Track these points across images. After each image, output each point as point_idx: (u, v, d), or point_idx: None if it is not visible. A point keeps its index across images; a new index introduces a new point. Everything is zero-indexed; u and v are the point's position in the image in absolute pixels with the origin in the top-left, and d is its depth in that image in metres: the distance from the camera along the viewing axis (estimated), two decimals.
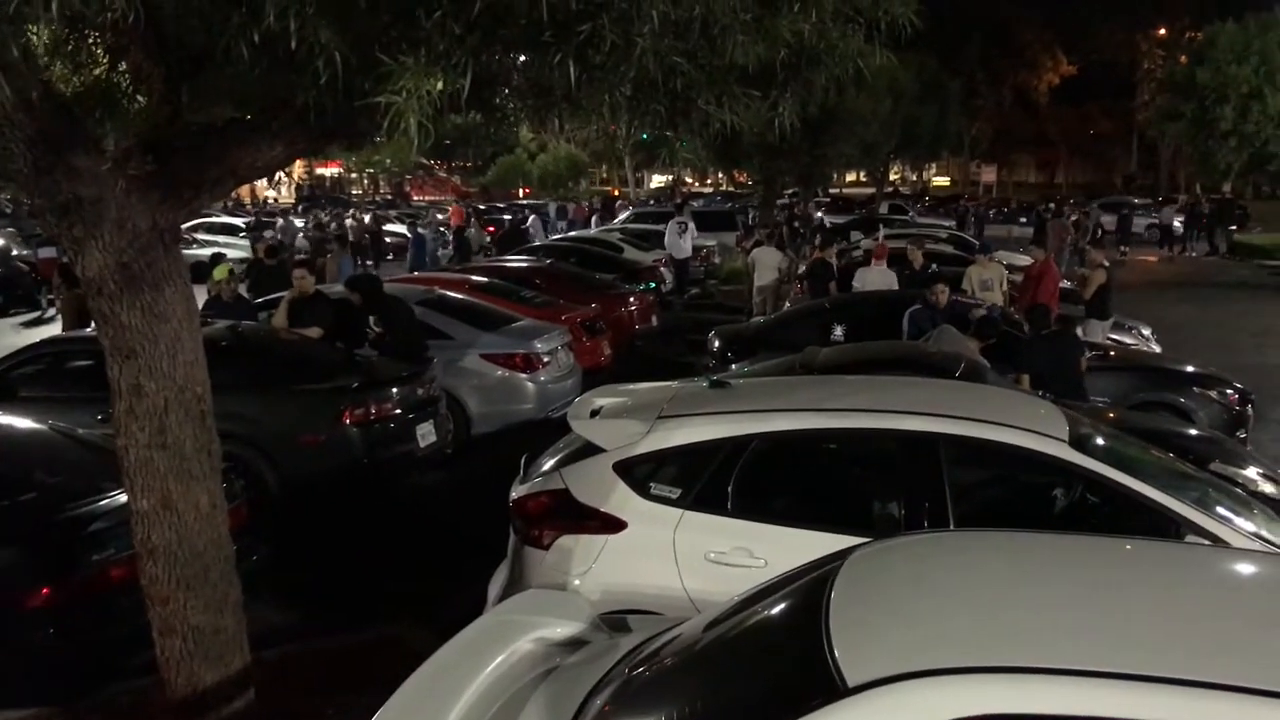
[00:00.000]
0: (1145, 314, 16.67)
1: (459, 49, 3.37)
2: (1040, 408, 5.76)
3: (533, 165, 61.03)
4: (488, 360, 10.84)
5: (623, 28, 3.29)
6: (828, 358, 8.44)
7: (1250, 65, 33.24)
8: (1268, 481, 7.23)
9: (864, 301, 13.22)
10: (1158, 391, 10.00)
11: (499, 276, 15.06)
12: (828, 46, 4.05)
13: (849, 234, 26.48)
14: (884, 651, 2.78)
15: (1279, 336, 18.50)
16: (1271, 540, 4.87)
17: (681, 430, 5.35)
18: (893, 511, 5.19)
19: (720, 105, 3.87)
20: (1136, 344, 13.58)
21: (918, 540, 3.93)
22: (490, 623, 4.09)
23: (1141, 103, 67.96)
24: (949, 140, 59.52)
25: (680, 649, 3.53)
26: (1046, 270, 14.25)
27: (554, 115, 3.98)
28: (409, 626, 6.55)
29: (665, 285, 21.54)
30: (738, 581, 4.23)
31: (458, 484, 9.60)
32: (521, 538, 5.45)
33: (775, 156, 27.18)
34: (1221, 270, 31.77)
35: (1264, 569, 3.67)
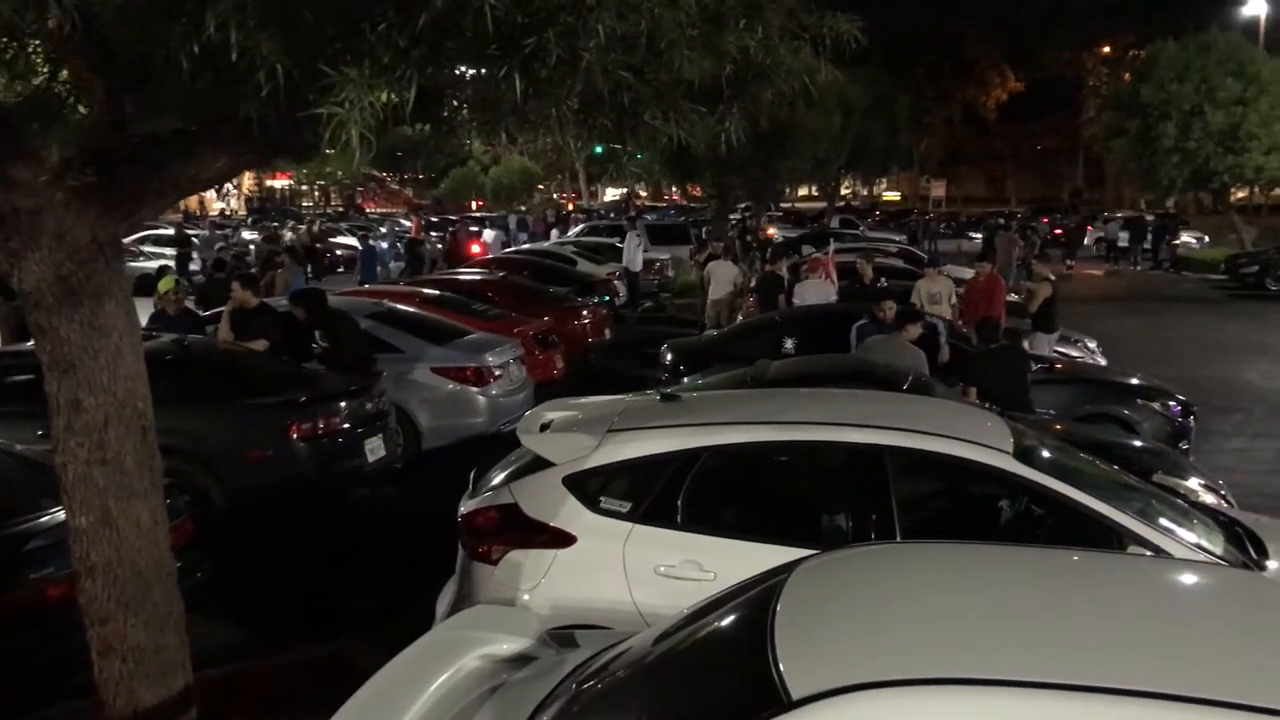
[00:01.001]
0: (1090, 327, 16.94)
1: (404, 62, 3.35)
2: (986, 420, 5.82)
3: (486, 178, 60.89)
4: (438, 374, 10.77)
5: (569, 42, 3.29)
6: (778, 371, 8.47)
7: (1191, 84, 33.83)
8: (1209, 492, 7.36)
9: (814, 315, 13.28)
10: (1102, 404, 10.14)
11: (451, 289, 14.99)
12: (774, 62, 4.08)
13: (800, 248, 26.62)
14: (828, 664, 2.79)
15: (1221, 349, 18.86)
16: (1212, 551, 4.95)
17: (631, 444, 5.35)
18: (840, 523, 5.23)
19: (668, 120, 3.88)
20: (1082, 357, 13.76)
21: (863, 553, 3.95)
22: (436, 639, 4.06)
23: (1087, 119, 69.03)
24: (899, 156, 60.22)
25: (628, 663, 3.52)
26: (995, 284, 14.44)
27: (501, 128, 3.97)
28: (356, 643, 6.46)
29: (619, 298, 21.55)
30: (687, 595, 4.23)
31: (407, 499, 9.52)
32: (470, 553, 5.41)
33: (727, 171, 27.38)
34: (1165, 283, 32.37)
35: (1204, 580, 3.73)
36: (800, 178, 44.66)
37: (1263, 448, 11.92)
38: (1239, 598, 3.47)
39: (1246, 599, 3.45)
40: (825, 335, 10.95)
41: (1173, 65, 34.71)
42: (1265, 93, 33.63)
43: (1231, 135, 33.63)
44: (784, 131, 24.96)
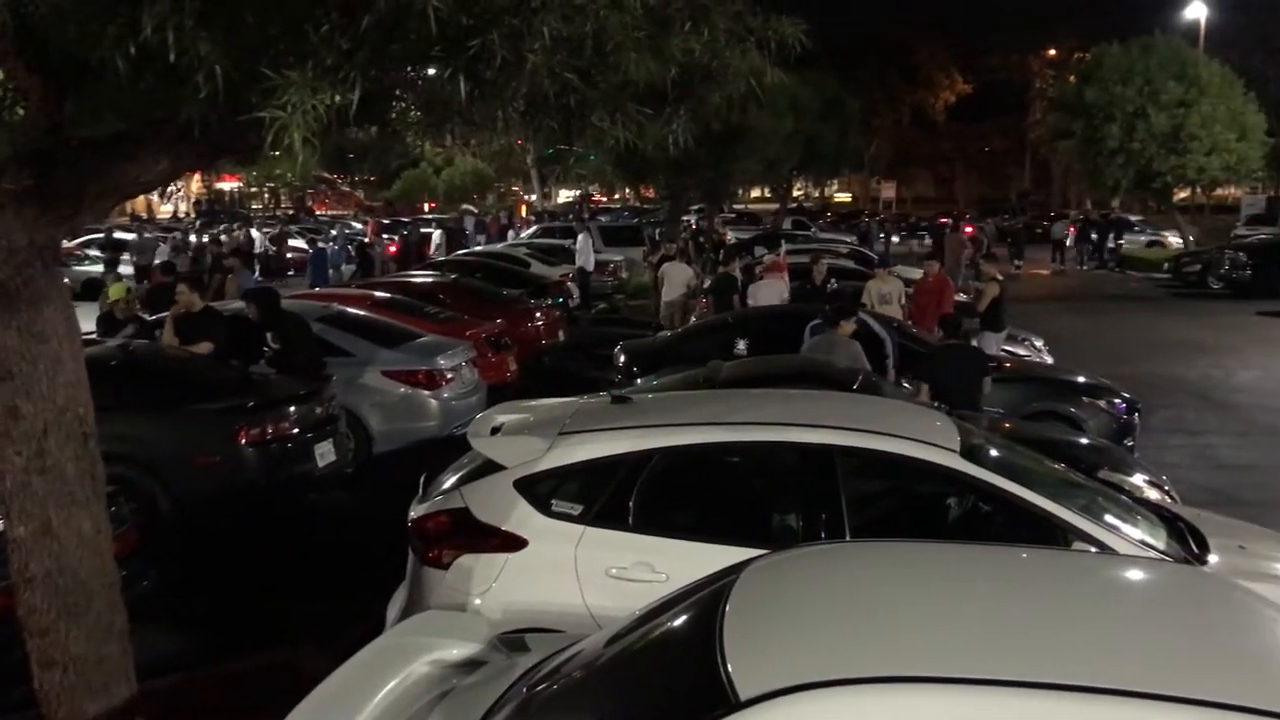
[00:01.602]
0: (1038, 326, 17.17)
1: (348, 64, 3.32)
2: (934, 419, 5.87)
3: (438, 179, 60.55)
4: (389, 377, 10.69)
5: (513, 44, 3.28)
6: (731, 372, 8.50)
7: (1134, 86, 34.41)
8: (1153, 488, 7.49)
9: (767, 316, 13.34)
10: (1049, 402, 10.28)
11: (403, 292, 14.89)
12: (720, 65, 4.09)
13: (753, 249, 26.75)
14: (776, 664, 2.80)
15: (1165, 346, 19.18)
16: (1155, 546, 5.03)
17: (583, 446, 5.34)
18: (791, 523, 5.25)
19: (614, 122, 3.88)
20: (1029, 355, 13.95)
21: (812, 552, 3.97)
22: (385, 645, 4.02)
23: (1034, 121, 69.88)
24: (849, 157, 60.58)
25: (579, 666, 3.51)
26: (944, 284, 14.60)
27: (447, 130, 3.95)
28: (306, 651, 6.40)
29: (572, 300, 21.53)
30: (639, 597, 4.22)
31: (358, 504, 9.44)
32: (420, 558, 5.38)
33: (681, 172, 27.45)
34: (1110, 283, 32.88)
35: (1146, 576, 3.78)
36: (752, 179, 44.87)
37: (1205, 444, 12.14)
38: (1180, 593, 3.53)
39: (1187, 594, 3.51)
40: (778, 336, 10.99)
41: (1116, 68, 35.31)
42: (1206, 95, 34.32)
43: (1174, 136, 34.27)
44: (735, 133, 25.11)
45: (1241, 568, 4.96)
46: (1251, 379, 16.15)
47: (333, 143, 3.76)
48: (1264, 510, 9.01)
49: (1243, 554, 5.27)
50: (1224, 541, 5.33)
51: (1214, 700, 2.55)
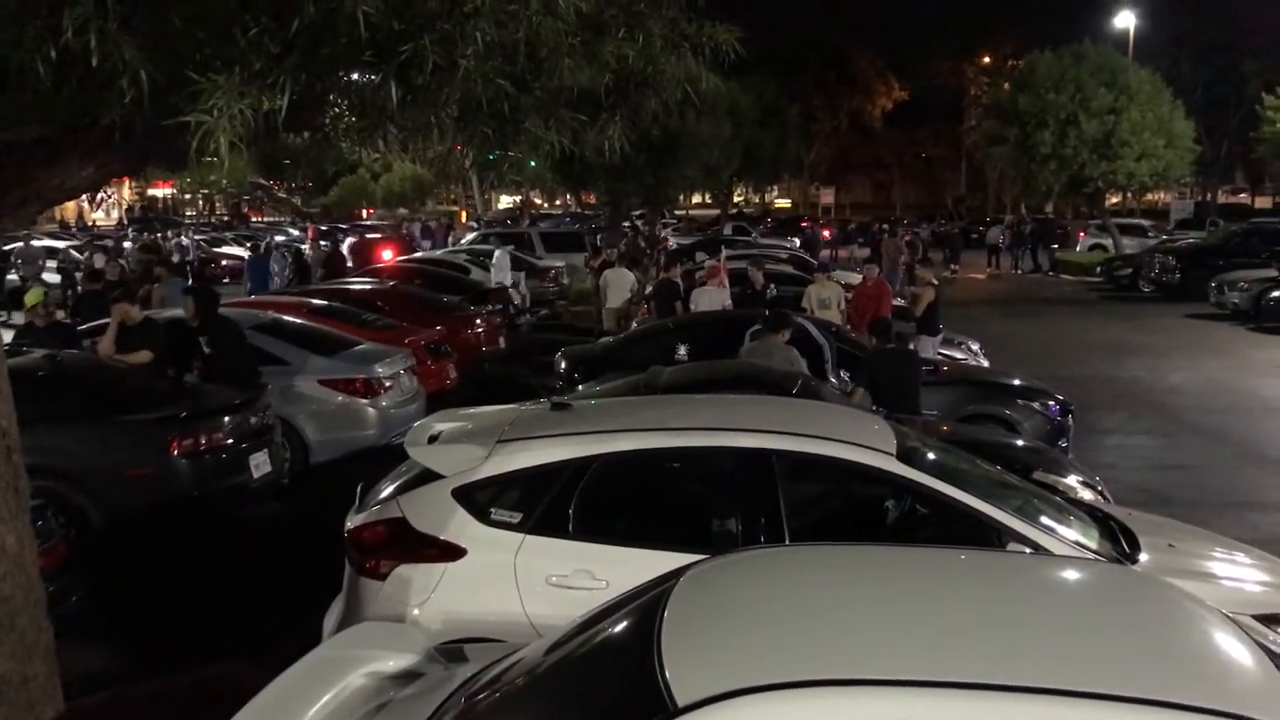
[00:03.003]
0: (974, 330, 17.43)
1: (277, 68, 3.27)
2: (872, 423, 5.92)
3: (376, 185, 60.01)
4: (326, 386, 10.56)
5: (445, 49, 3.25)
6: (671, 377, 8.50)
7: (1066, 93, 35.09)
8: (1087, 489, 7.60)
9: (707, 321, 13.40)
10: (985, 404, 10.41)
11: (340, 299, 14.72)
12: (655, 71, 4.10)
13: (694, 254, 26.85)
14: (713, 669, 2.80)
15: (1098, 349, 19.55)
16: (1088, 546, 5.12)
17: (522, 454, 5.31)
18: (731, 528, 5.26)
19: (550, 128, 3.87)
20: (966, 359, 14.13)
21: (750, 556, 3.98)
22: (319, 658, 3.96)
23: (969, 127, 70.98)
24: (789, 163, 61.14)
25: (518, 675, 3.49)
26: (882, 288, 14.76)
27: (379, 136, 3.90)
28: (241, 665, 6.28)
29: (513, 306, 21.43)
30: (580, 604, 4.21)
31: (294, 515, 9.31)
32: (357, 569, 5.32)
33: (621, 178, 27.49)
34: (1044, 286, 33.45)
35: (1077, 575, 3.84)
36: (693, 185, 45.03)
37: (1138, 444, 12.39)
38: (1110, 592, 3.59)
39: (1118, 593, 3.56)
40: (719, 341, 11.03)
41: (1049, 75, 35.98)
42: (1135, 102, 35.08)
43: (1105, 142, 35.00)
44: (675, 139, 25.23)
45: (1170, 566, 5.06)
46: (1181, 380, 16.51)
47: (266, 148, 3.70)
48: (1193, 509, 9.21)
49: (1172, 552, 5.37)
50: (1154, 540, 5.43)
51: (1142, 697, 2.59)
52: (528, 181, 38.60)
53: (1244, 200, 67.36)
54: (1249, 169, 61.33)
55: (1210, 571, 5.38)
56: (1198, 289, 25.98)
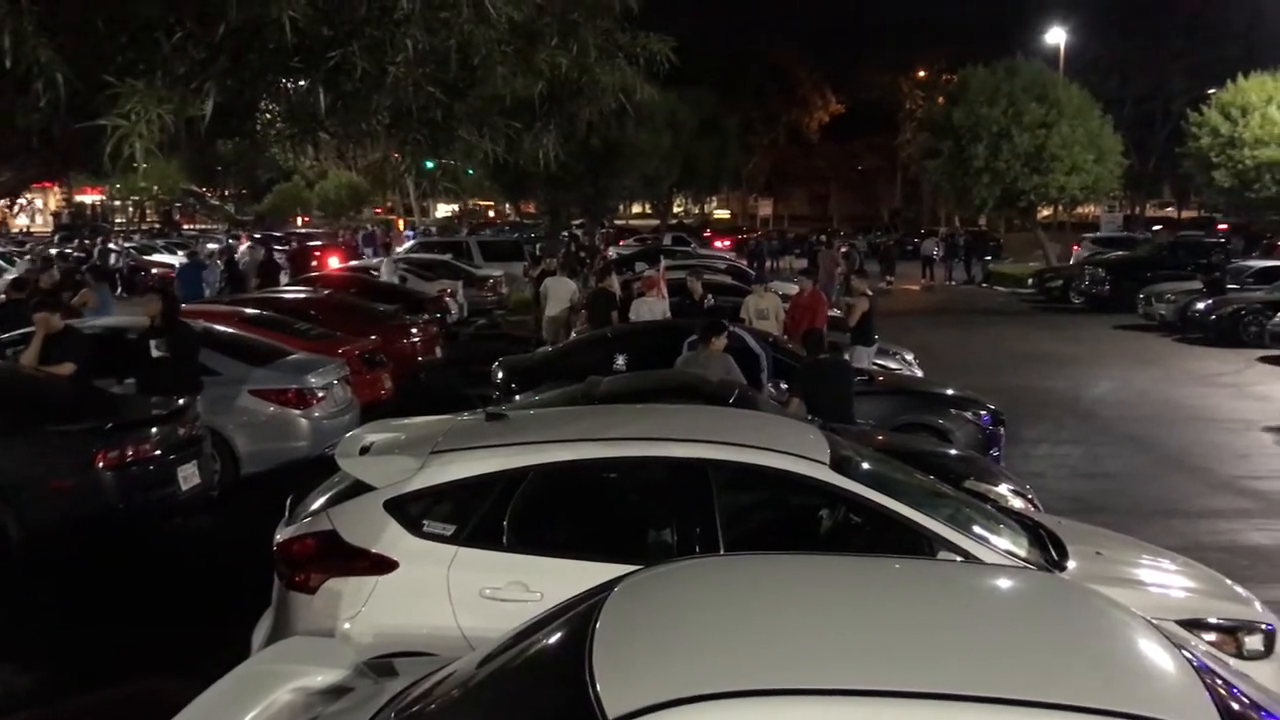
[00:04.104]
0: (908, 340, 17.62)
1: (201, 73, 3.21)
2: (807, 432, 5.95)
3: (312, 193, 59.31)
4: (257, 396, 10.39)
5: (374, 56, 3.22)
6: (609, 387, 8.49)
7: (999, 107, 35.77)
8: (1017, 497, 7.72)
9: (645, 331, 13.41)
10: (918, 414, 10.53)
11: (273, 308, 14.52)
12: (590, 80, 4.09)
13: (634, 264, 26.90)
14: (644, 681, 2.78)
15: (1030, 359, 19.88)
16: (1017, 554, 5.18)
17: (456, 465, 5.26)
18: (666, 538, 5.25)
19: (482, 135, 3.85)
20: (899, 369, 14.29)
21: (683, 567, 3.96)
22: (245, 674, 3.88)
23: (904, 140, 71.93)
24: (728, 174, 61.51)
25: (449, 689, 3.44)
26: (818, 299, 14.88)
27: (309, 142, 3.85)
28: (168, 681, 6.14)
29: (451, 316, 21.29)
30: (514, 617, 4.16)
31: (224, 528, 9.14)
32: (287, 583, 5.23)
33: (560, 187, 27.48)
34: (978, 298, 33.98)
35: (1006, 583, 3.89)
36: (632, 195, 45.16)
37: (1067, 453, 12.60)
38: (1039, 600, 3.63)
39: (1045, 601, 3.61)
40: (657, 351, 11.04)
41: (982, 89, 36.65)
42: (1065, 116, 35.84)
43: (1036, 156, 35.72)
44: (614, 149, 25.28)
45: (1098, 573, 5.14)
46: (1110, 390, 16.85)
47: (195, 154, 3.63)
48: (1122, 516, 9.38)
49: (1099, 560, 5.46)
50: (1082, 548, 5.52)
51: (1064, 703, 2.63)
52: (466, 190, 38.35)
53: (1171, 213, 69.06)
54: (1175, 184, 62.86)
55: (1136, 578, 5.48)
56: (1126, 301, 26.56)
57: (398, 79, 3.28)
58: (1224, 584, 5.61)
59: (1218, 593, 5.46)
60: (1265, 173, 36.66)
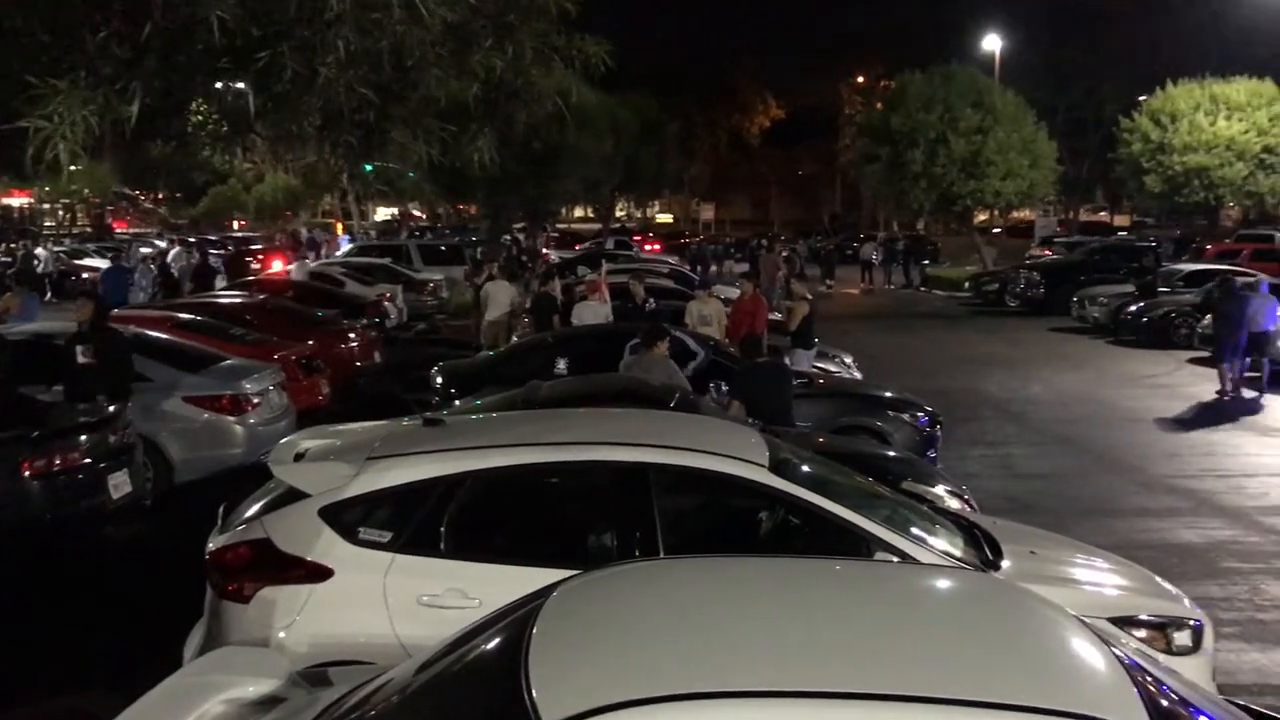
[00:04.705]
0: (847, 343, 17.80)
1: (128, 74, 3.15)
2: (748, 435, 5.96)
3: (248, 196, 58.44)
4: (191, 403, 10.21)
5: (305, 57, 3.17)
6: (550, 392, 8.46)
7: (936, 113, 36.26)
8: (954, 498, 7.82)
9: (587, 336, 13.39)
10: (857, 416, 10.62)
11: (208, 313, 14.29)
12: (526, 83, 4.07)
13: (576, 268, 26.87)
14: (579, 687, 2.77)
15: (966, 362, 20.15)
16: (953, 554, 5.24)
17: (392, 471, 5.21)
18: (606, 542, 5.24)
19: (416, 138, 3.81)
20: (839, 371, 14.41)
21: (621, 571, 3.95)
22: (175, 685, 3.80)
23: (844, 145, 72.71)
24: (670, 179, 61.72)
25: (385, 698, 3.40)
26: (758, 303, 14.95)
27: (240, 144, 3.79)
28: (98, 695, 6.03)
29: (390, 320, 21.09)
30: (452, 624, 4.13)
31: (157, 537, 8.95)
32: (219, 592, 5.14)
33: (500, 191, 27.35)
34: (916, 301, 34.39)
35: (941, 583, 3.93)
36: (574, 199, 45.17)
37: (1003, 454, 12.78)
38: (973, 599, 3.67)
39: (979, 600, 3.64)
40: (599, 355, 11.04)
41: (919, 95, 37.11)
42: (1000, 122, 36.40)
43: (972, 162, 36.22)
44: (555, 153, 25.22)
45: (1031, 572, 5.22)
46: (1045, 392, 17.13)
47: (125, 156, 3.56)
48: (1056, 516, 9.54)
49: (1033, 559, 5.54)
50: (1016, 548, 5.60)
51: (996, 702, 2.66)
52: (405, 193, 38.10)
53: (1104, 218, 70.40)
54: (1108, 189, 64.13)
55: (1069, 577, 5.57)
56: (1061, 304, 27.01)
57: (329, 80, 3.24)
58: (1154, 581, 5.73)
59: (1148, 590, 5.56)
60: (1194, 178, 37.57)
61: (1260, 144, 37.01)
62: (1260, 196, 38.56)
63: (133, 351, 10.00)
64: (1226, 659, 6.59)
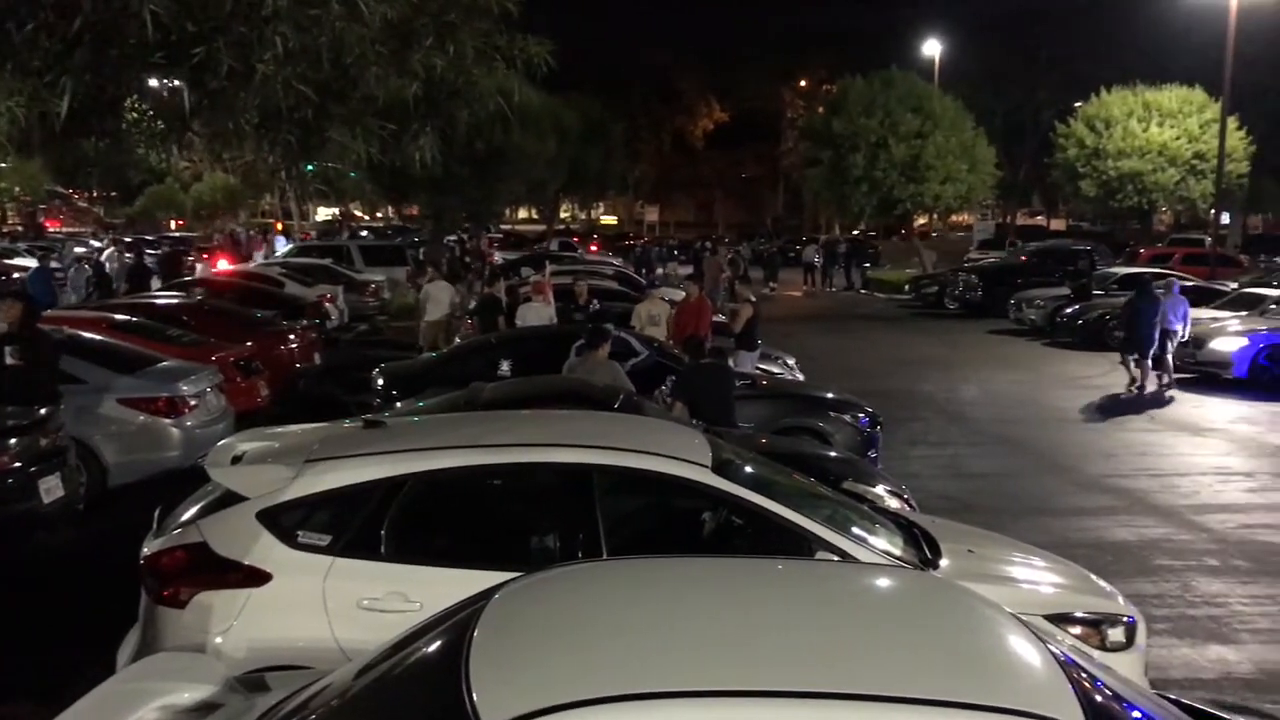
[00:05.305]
0: (790, 345, 17.92)
1: (57, 67, 3.08)
2: (691, 436, 5.97)
3: (186, 195, 57.51)
4: (126, 405, 10.02)
5: (242, 53, 3.13)
6: (493, 393, 8.41)
7: (876, 117, 36.69)
8: (894, 497, 7.89)
9: (531, 337, 13.35)
10: (799, 417, 10.69)
11: (144, 314, 14.04)
12: (467, 82, 4.05)
13: (520, 270, 26.78)
14: (520, 689, 2.75)
15: (906, 363, 20.37)
16: (892, 553, 5.29)
17: (331, 474, 5.15)
18: (549, 544, 5.22)
19: (356, 137, 3.77)
20: (781, 373, 14.49)
21: (563, 573, 3.94)
22: (107, 693, 3.72)
23: (786, 149, 73.21)
24: (614, 180, 61.73)
25: (324, 702, 3.36)
26: (703, 305, 15.00)
27: (175, 142, 3.73)
28: (30, 705, 5.90)
29: (331, 321, 20.87)
30: (392, 628, 4.08)
31: (90, 542, 8.77)
32: (155, 597, 5.05)
33: (443, 191, 27.18)
34: (857, 303, 34.73)
35: (880, 582, 3.96)
36: (518, 200, 45.04)
37: (940, 454, 12.94)
38: (911, 597, 3.71)
39: (918, 598, 3.69)
40: (543, 357, 11.01)
41: (860, 100, 37.51)
42: (940, 127, 36.90)
43: (912, 166, 36.68)
44: (498, 154, 25.11)
45: (969, 570, 5.29)
46: (983, 393, 17.37)
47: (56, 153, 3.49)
48: (994, 515, 9.68)
49: (971, 557, 5.61)
50: (954, 546, 5.66)
51: (932, 699, 2.69)
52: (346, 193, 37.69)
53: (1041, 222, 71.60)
54: (1045, 193, 65.23)
55: (1007, 575, 5.64)
56: (998, 306, 27.42)
57: (266, 77, 3.20)
58: (1089, 579, 5.83)
59: (1083, 588, 5.66)
60: (1127, 183, 38.32)
61: (1191, 150, 37.83)
62: (1191, 201, 39.39)
63: (62, 353, 9.78)
64: (1159, 654, 6.74)
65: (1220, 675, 6.81)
